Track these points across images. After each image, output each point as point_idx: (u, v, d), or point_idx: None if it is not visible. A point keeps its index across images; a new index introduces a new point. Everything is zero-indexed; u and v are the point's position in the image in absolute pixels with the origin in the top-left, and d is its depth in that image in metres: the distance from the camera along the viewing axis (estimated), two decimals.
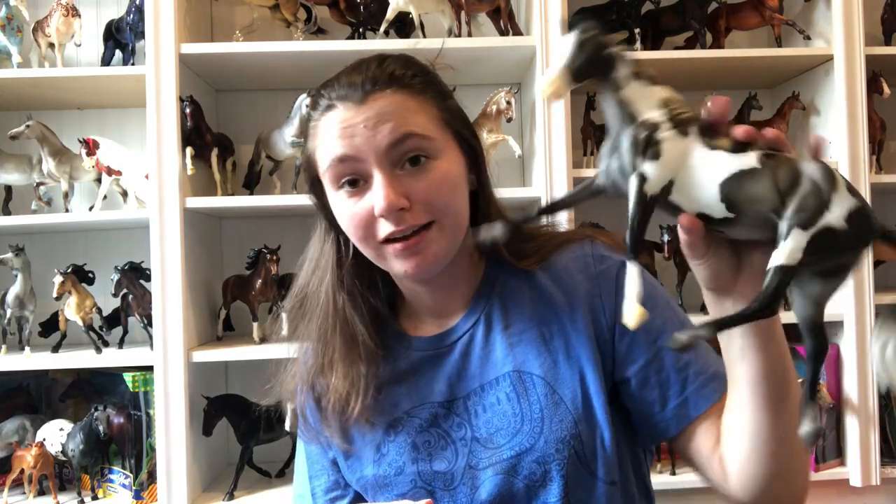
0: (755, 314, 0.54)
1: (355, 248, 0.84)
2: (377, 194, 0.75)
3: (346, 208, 0.78)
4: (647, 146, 0.56)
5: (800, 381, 1.88)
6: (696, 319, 0.61)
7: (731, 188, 0.54)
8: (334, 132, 0.77)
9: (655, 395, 0.80)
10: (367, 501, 0.88)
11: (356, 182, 0.77)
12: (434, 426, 0.84)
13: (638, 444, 0.85)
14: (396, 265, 0.79)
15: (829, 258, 0.53)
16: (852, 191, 0.53)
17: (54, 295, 1.70)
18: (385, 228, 0.76)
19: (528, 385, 0.81)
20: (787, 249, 0.52)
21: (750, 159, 0.54)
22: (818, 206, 0.52)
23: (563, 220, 0.95)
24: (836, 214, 0.52)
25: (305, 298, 0.89)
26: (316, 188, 0.84)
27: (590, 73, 0.58)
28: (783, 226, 0.53)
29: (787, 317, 1.71)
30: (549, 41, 1.68)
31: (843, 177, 0.53)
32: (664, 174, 0.56)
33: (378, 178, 0.75)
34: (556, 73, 0.57)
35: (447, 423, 0.84)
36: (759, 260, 0.59)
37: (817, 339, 0.55)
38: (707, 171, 0.55)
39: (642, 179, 0.56)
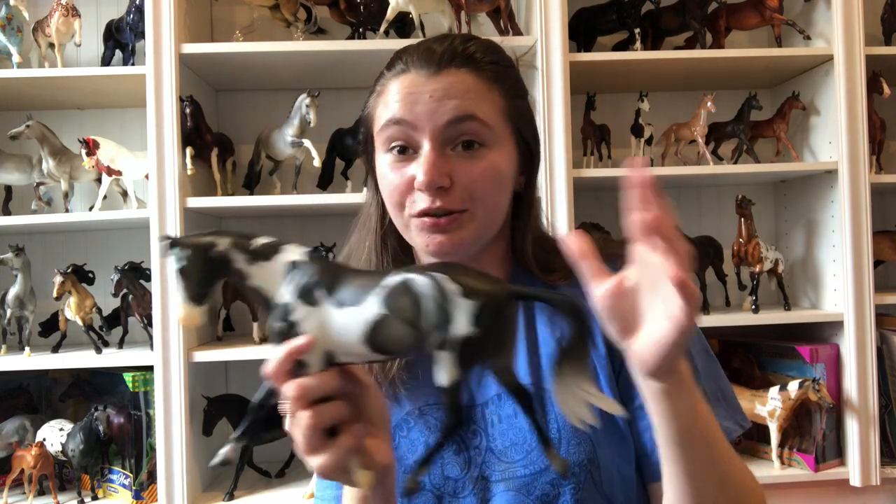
0: (450, 431, 0.58)
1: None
2: (421, 167, 0.75)
3: (389, 172, 0.79)
4: (290, 335, 0.58)
5: (800, 381, 1.86)
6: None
7: (373, 341, 0.57)
8: (399, 95, 0.77)
9: (647, 438, 0.79)
10: None
11: (405, 149, 0.78)
12: None
13: None
14: (419, 238, 0.79)
15: (490, 354, 0.56)
16: (468, 292, 0.54)
17: (54, 295, 1.70)
18: (420, 203, 0.76)
19: (546, 403, 0.80)
20: (444, 373, 0.55)
21: (372, 306, 0.56)
22: (443, 324, 0.54)
23: (563, 224, 0.94)
24: (461, 325, 0.54)
25: (350, 257, 0.89)
26: (367, 147, 0.85)
27: (211, 286, 0.59)
28: (427, 349, 0.55)
29: (759, 318, 1.66)
30: (549, 41, 1.68)
31: (457, 278, 0.55)
32: (318, 352, 0.58)
33: (426, 150, 0.76)
34: (180, 306, 0.59)
35: (463, 429, 0.82)
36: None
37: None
38: (347, 334, 0.57)
39: (303, 365, 0.58)
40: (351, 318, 0.57)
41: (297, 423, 0.59)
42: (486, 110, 0.77)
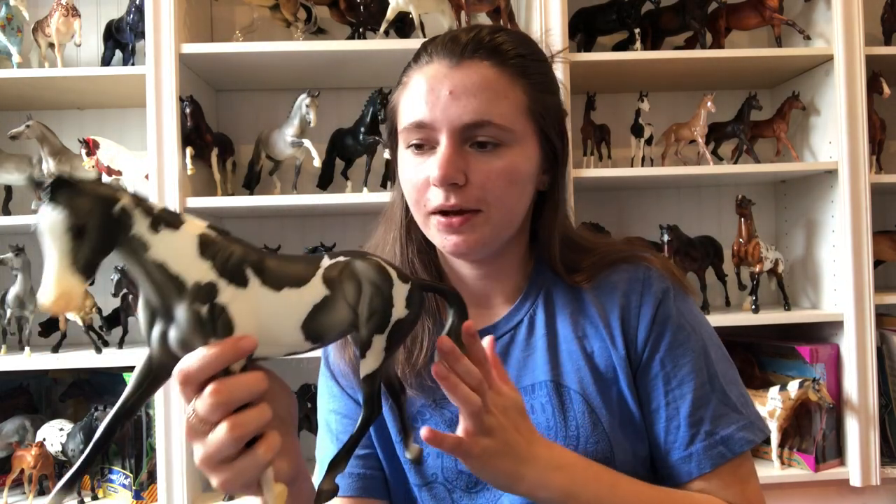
0: (368, 421, 0.57)
1: None
2: (436, 163, 0.75)
3: (408, 169, 0.79)
4: (215, 320, 0.48)
5: (800, 380, 1.86)
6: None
7: (312, 325, 0.53)
8: (421, 89, 0.77)
9: (662, 441, 0.79)
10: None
11: (422, 146, 0.78)
12: None
13: None
14: (437, 237, 0.79)
15: (399, 340, 0.57)
16: (402, 275, 0.56)
17: None
18: (435, 199, 0.76)
19: (565, 400, 0.79)
20: (373, 356, 0.54)
21: (317, 289, 0.52)
22: (385, 307, 0.54)
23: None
24: (399, 307, 0.55)
25: (376, 249, 0.89)
26: (392, 139, 0.85)
27: (105, 254, 0.45)
28: (363, 333, 0.54)
29: (759, 318, 1.66)
30: (550, 41, 1.68)
31: (390, 264, 0.56)
32: None
33: (442, 147, 0.75)
34: (53, 276, 0.43)
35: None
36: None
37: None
38: (284, 319, 0.51)
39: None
40: (290, 300, 0.51)
41: (213, 435, 0.51)
42: (504, 111, 0.76)
